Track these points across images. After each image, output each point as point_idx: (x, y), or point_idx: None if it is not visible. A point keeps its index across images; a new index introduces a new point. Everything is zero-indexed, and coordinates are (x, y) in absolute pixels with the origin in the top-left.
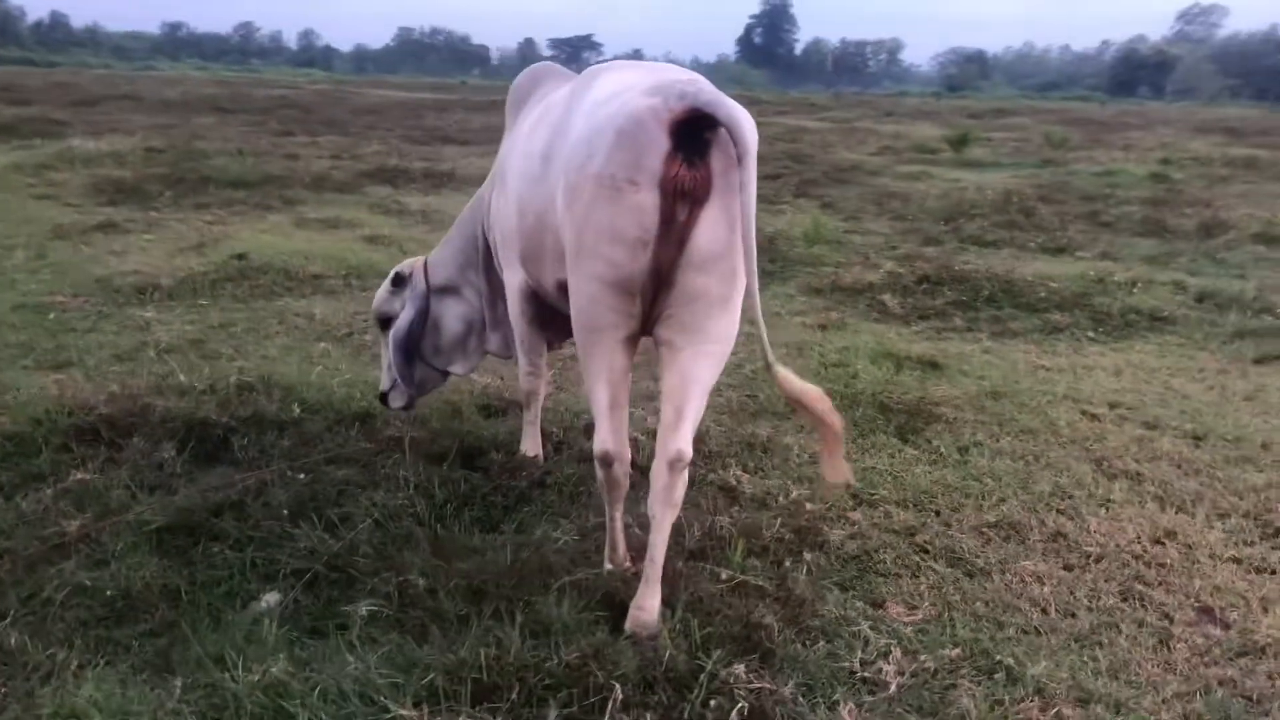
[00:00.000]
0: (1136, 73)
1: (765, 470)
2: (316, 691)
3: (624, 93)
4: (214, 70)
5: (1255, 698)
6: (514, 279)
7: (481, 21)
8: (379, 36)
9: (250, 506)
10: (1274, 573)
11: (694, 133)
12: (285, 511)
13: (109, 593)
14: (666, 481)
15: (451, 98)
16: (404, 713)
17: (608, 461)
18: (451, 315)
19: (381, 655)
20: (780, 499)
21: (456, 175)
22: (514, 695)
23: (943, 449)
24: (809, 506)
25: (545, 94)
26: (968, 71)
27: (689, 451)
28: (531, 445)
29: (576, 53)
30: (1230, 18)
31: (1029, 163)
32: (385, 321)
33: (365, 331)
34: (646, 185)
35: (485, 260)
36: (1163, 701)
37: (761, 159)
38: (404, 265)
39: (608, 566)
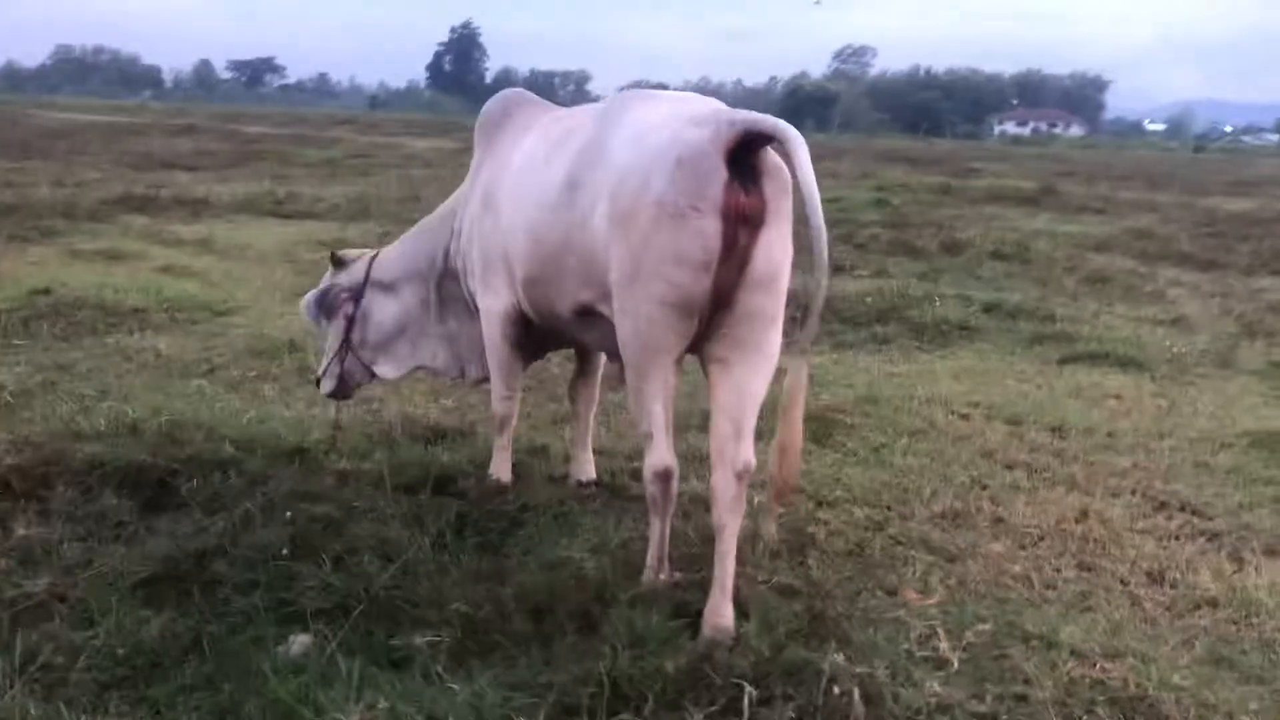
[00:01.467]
0: (804, 107)
1: None
2: None
3: (670, 122)
4: None
5: (1230, 640)
6: (497, 303)
7: (151, 40)
8: (33, 54)
9: (237, 549)
10: (1178, 539)
11: (747, 160)
12: (285, 550)
13: (119, 651)
14: (735, 492)
15: (143, 120)
16: None
17: (667, 477)
18: (384, 312)
19: (489, 680)
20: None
21: (212, 202)
22: (650, 703)
23: (858, 451)
24: (780, 509)
25: (528, 121)
26: None
27: (754, 461)
28: (503, 470)
29: (258, 75)
30: (879, 58)
31: None
32: (329, 311)
33: (229, 365)
34: (709, 211)
35: (440, 279)
36: (1172, 650)
37: None
38: (347, 252)
39: (648, 576)
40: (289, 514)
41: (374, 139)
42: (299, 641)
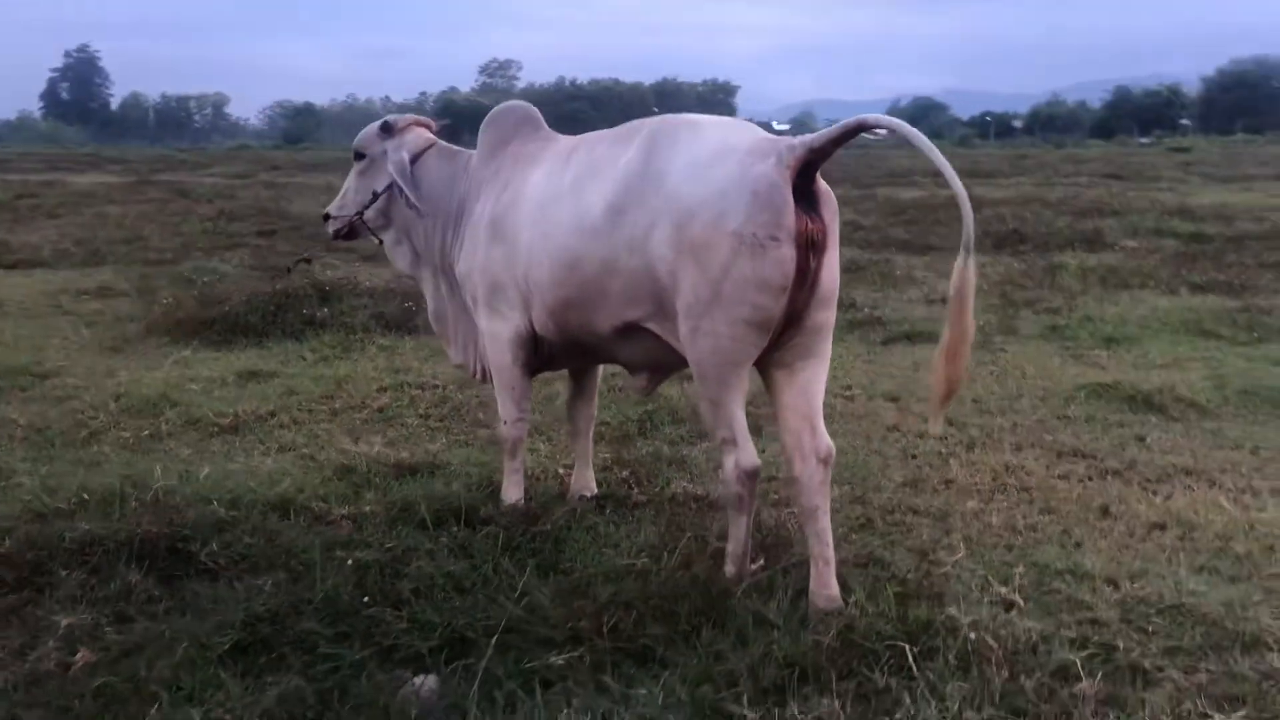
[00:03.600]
0: (458, 121)
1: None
2: None
3: (730, 154)
4: None
5: (1196, 552)
6: (505, 328)
7: None
8: None
9: (310, 606)
10: (1092, 479)
11: (807, 186)
12: (365, 598)
13: None
14: (821, 476)
15: None
16: (747, 713)
17: (755, 475)
18: (405, 215)
19: (671, 679)
20: None
21: None
22: (829, 677)
23: None
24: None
25: (534, 153)
26: (303, 124)
27: (833, 447)
28: (515, 491)
29: None
30: (524, 71)
31: None
32: (359, 155)
33: (111, 428)
34: (785, 240)
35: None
36: (1175, 568)
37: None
38: (397, 118)
39: (731, 571)
40: (350, 561)
41: (24, 176)
42: (426, 683)
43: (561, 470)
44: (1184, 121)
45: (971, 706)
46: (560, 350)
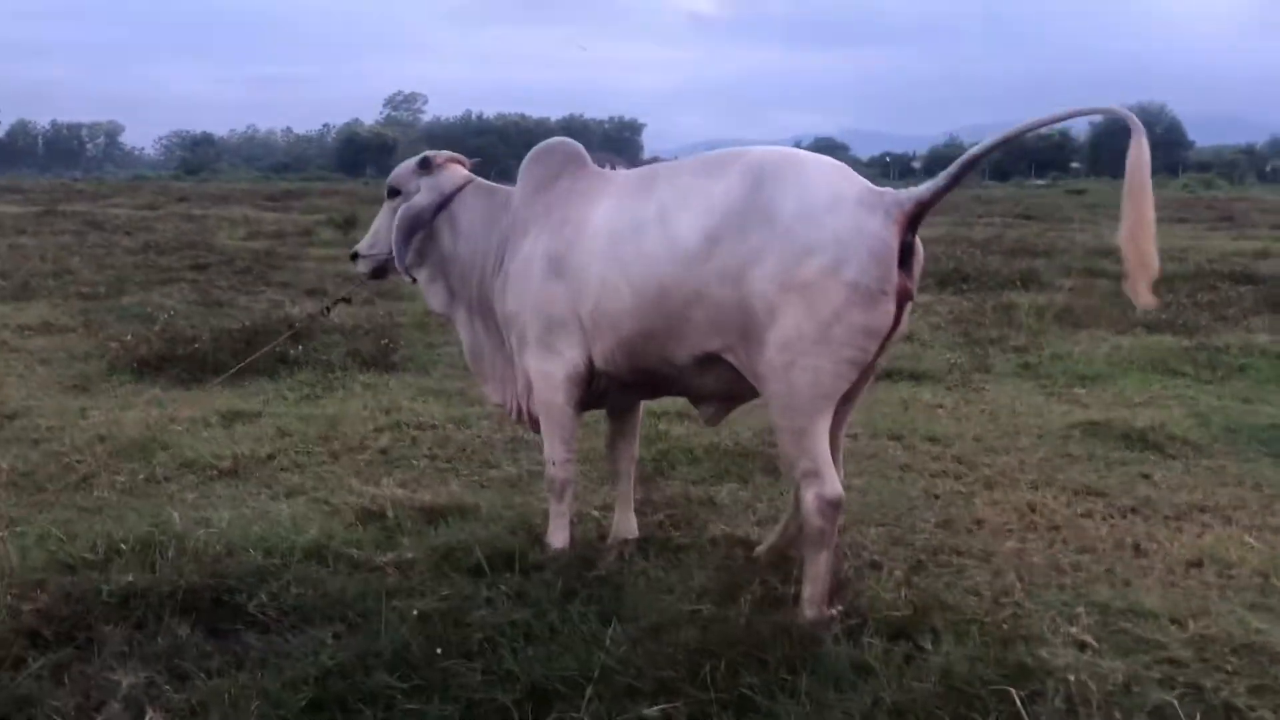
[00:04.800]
0: (361, 154)
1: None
2: None
3: (845, 200)
4: None
5: (1241, 590)
6: (560, 367)
7: None
8: None
9: (379, 660)
10: (1112, 516)
11: (908, 244)
12: (438, 650)
13: None
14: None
15: None
16: None
17: (838, 506)
18: (449, 236)
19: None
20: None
21: None
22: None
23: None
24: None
25: (590, 185)
26: (202, 154)
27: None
28: (561, 536)
29: None
30: (430, 104)
31: None
32: (393, 192)
33: (101, 472)
34: (891, 293)
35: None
36: (1231, 605)
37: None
38: (436, 154)
39: (810, 614)
40: (415, 611)
41: None
42: None
43: (596, 512)
44: (1075, 164)
45: None
46: (624, 385)
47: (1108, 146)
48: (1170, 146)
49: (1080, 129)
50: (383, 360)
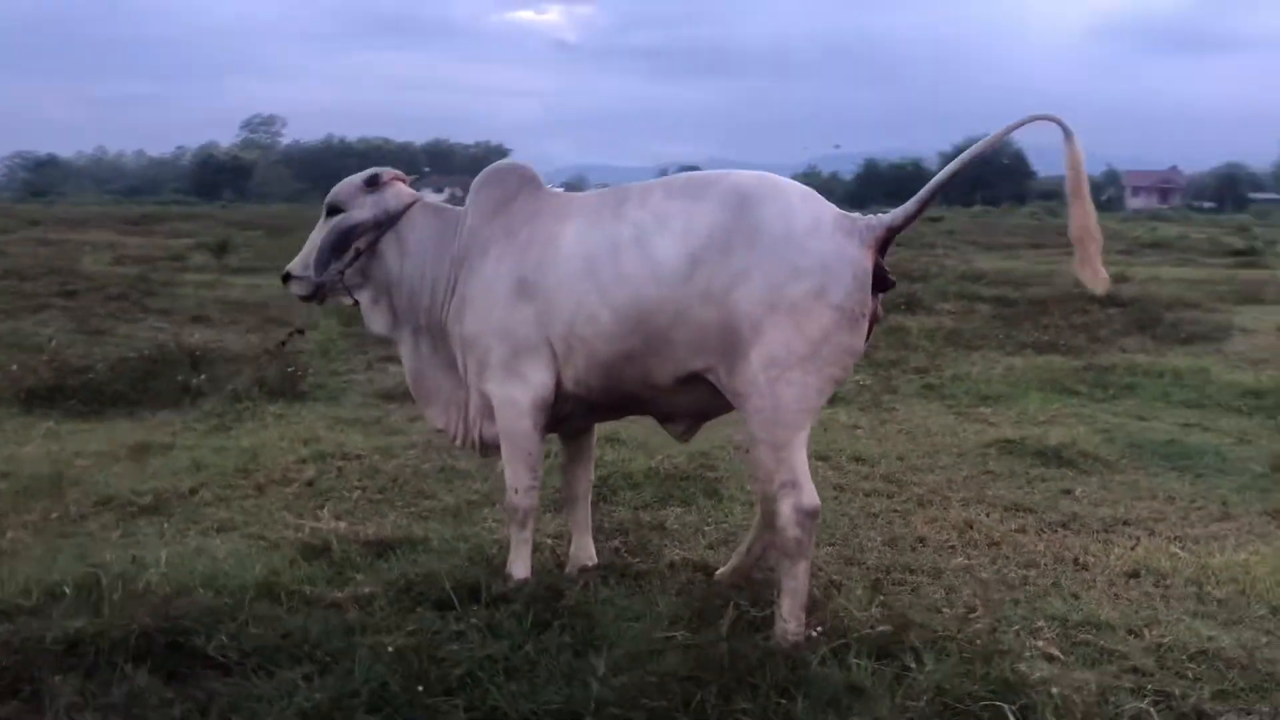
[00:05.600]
0: (217, 176)
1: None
2: None
3: (824, 224)
4: None
5: (1182, 598)
6: (526, 393)
7: None
8: None
9: (358, 700)
10: (1043, 531)
11: (879, 267)
12: (420, 688)
13: None
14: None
15: None
16: None
17: (816, 515)
18: (395, 256)
19: None
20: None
21: None
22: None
23: (741, 499)
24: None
25: (554, 207)
26: (48, 177)
27: None
28: (523, 565)
29: None
30: (289, 127)
31: None
32: (333, 210)
33: (9, 513)
34: (867, 314)
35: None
36: (1178, 614)
37: None
38: (383, 171)
39: (789, 628)
40: (390, 648)
41: None
42: None
43: (550, 540)
44: None
45: None
46: (592, 407)
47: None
48: (1017, 176)
49: (931, 160)
50: (291, 389)
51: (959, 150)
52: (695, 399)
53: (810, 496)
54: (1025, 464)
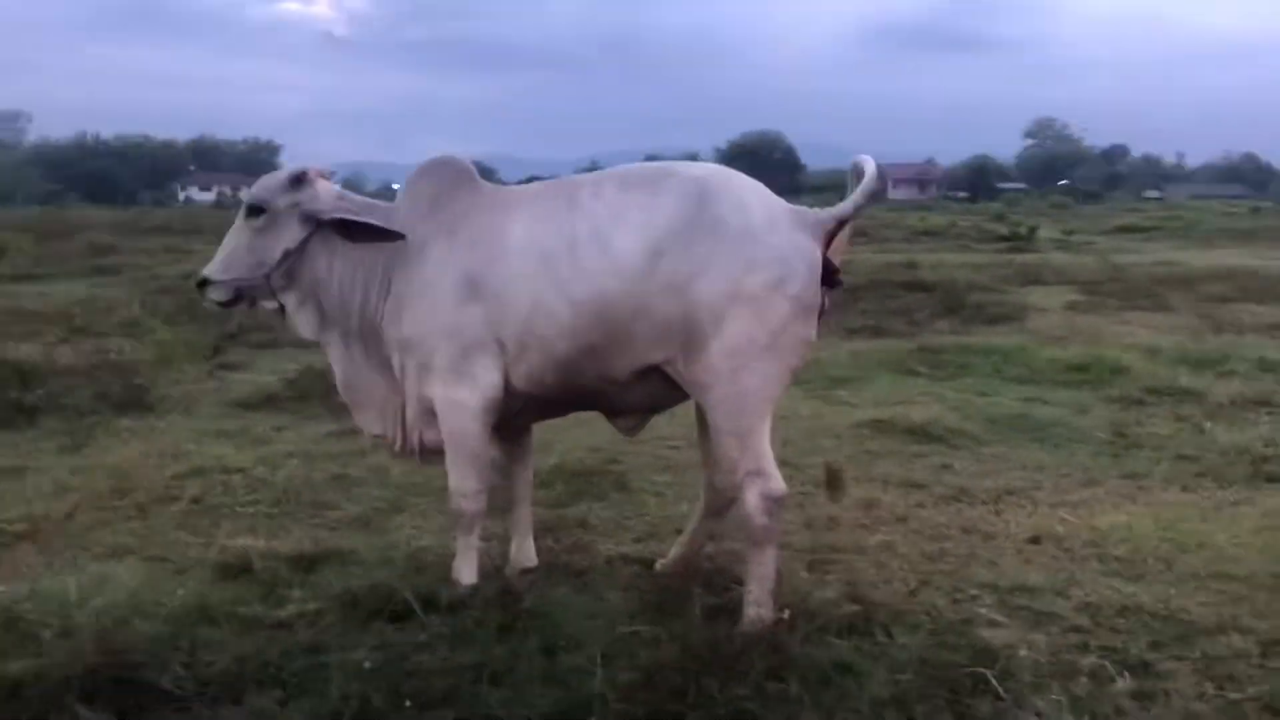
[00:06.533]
0: None
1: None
2: None
3: (780, 218)
4: None
5: (1115, 560)
6: (473, 393)
7: None
8: None
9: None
10: (938, 505)
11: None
12: (406, 703)
13: None
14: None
15: None
16: None
17: (782, 502)
18: (324, 257)
19: None
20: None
21: None
22: (942, 706)
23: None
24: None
25: (493, 201)
26: None
27: None
28: (471, 571)
29: None
30: (35, 123)
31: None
32: (254, 210)
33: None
34: (818, 306)
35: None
36: (1090, 574)
37: None
38: (308, 168)
39: (756, 613)
40: (366, 664)
41: None
42: None
43: (481, 544)
44: None
45: (1072, 713)
46: (542, 404)
47: (740, 165)
48: (789, 170)
49: (707, 153)
50: (138, 401)
51: (735, 146)
52: (649, 392)
53: (777, 483)
54: (899, 442)
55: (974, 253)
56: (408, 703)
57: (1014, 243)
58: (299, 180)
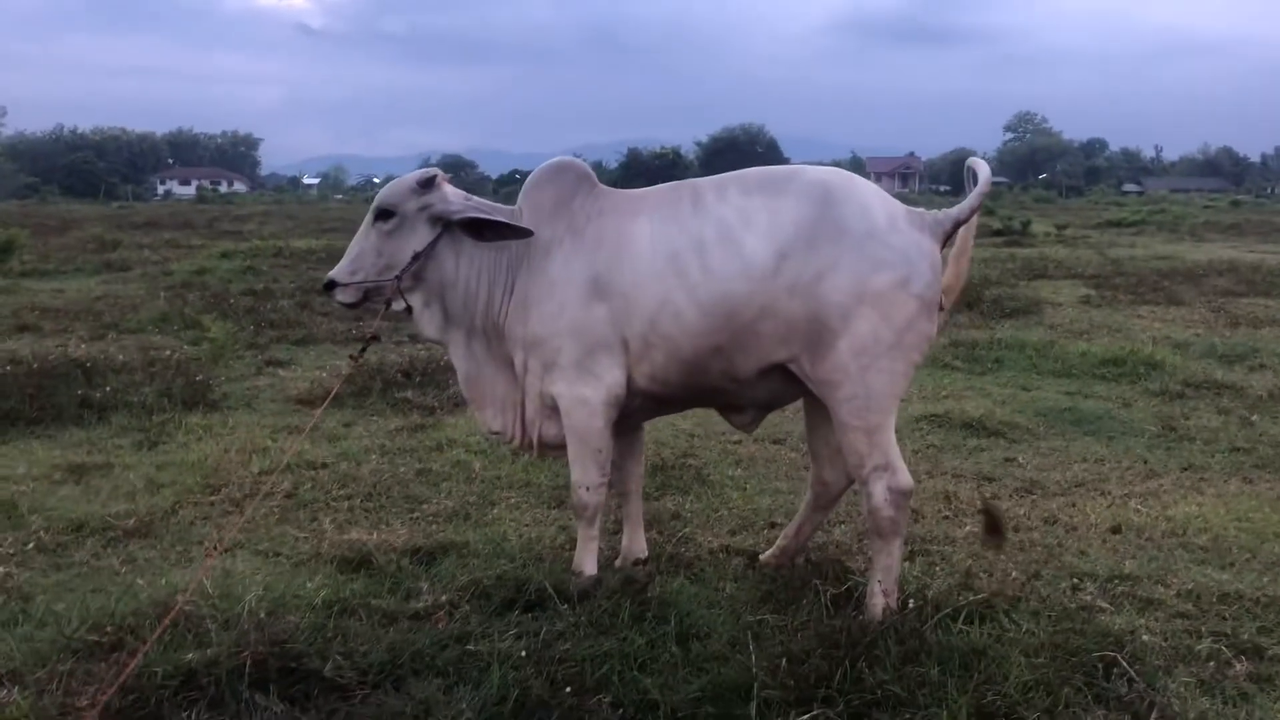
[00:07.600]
0: None
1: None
2: None
3: (900, 218)
4: None
5: (1162, 547)
6: (598, 391)
7: None
8: None
9: (516, 705)
10: (1013, 497)
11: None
12: (567, 689)
13: None
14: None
15: None
16: None
17: (909, 495)
18: (451, 258)
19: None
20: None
21: None
22: (1081, 688)
23: (739, 487)
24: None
25: (617, 205)
26: None
27: None
28: (591, 562)
29: None
30: (10, 117)
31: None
32: (383, 213)
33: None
34: (938, 304)
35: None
36: (1182, 564)
37: None
38: (435, 171)
39: (882, 604)
40: (521, 652)
41: None
42: None
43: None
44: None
45: (1208, 695)
46: (660, 402)
47: (715, 164)
48: (772, 163)
49: (688, 148)
50: (203, 399)
51: (715, 140)
52: (769, 390)
53: (904, 477)
54: (959, 436)
55: (974, 246)
56: (567, 689)
57: (1009, 237)
58: (428, 183)
